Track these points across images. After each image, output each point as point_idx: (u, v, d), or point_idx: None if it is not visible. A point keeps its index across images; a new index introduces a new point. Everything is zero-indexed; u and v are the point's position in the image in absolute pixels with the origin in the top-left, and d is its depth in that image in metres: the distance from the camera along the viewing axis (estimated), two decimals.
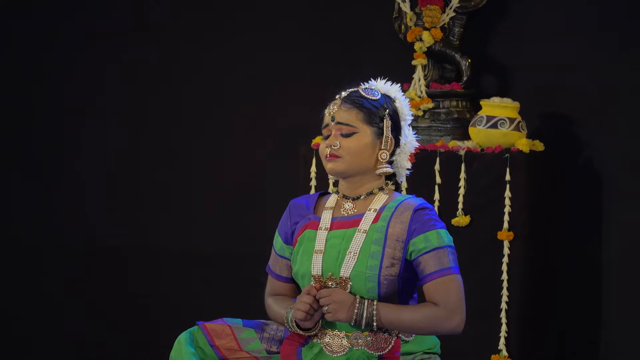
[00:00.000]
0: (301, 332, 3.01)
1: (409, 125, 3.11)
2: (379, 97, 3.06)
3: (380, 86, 3.11)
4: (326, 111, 3.07)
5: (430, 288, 2.95)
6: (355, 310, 2.94)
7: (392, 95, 3.10)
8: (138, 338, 5.54)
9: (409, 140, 3.11)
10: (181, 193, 5.55)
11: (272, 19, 5.41)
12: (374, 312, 2.93)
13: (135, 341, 5.55)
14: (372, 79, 3.14)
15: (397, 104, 3.09)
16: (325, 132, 3.07)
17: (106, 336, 5.60)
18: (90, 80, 5.64)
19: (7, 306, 5.73)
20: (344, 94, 3.07)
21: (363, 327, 2.95)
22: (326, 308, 2.95)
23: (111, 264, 5.62)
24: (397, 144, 3.08)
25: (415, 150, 3.13)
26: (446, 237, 2.98)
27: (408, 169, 3.12)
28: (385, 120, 3.04)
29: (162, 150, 5.58)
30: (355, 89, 3.09)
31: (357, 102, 3.03)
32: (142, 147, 5.61)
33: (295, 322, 3.00)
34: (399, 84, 3.15)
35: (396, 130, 3.07)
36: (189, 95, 5.54)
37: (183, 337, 3.05)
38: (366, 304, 2.94)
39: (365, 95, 3.05)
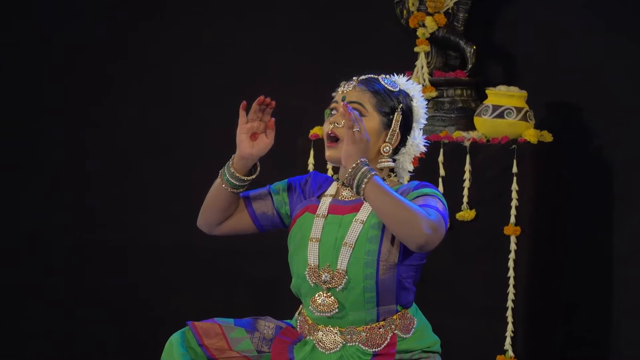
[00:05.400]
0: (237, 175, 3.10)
1: (420, 129, 3.10)
2: (397, 89, 3.06)
3: (402, 82, 3.11)
4: (339, 89, 3.08)
5: None
6: (353, 166, 2.87)
7: (412, 93, 3.10)
8: (137, 330, 5.57)
9: (417, 143, 3.09)
10: (180, 188, 5.57)
11: (270, 12, 5.43)
12: (369, 173, 2.85)
13: (135, 335, 5.58)
14: (394, 74, 3.13)
15: (414, 103, 3.09)
16: (333, 106, 3.06)
17: (106, 330, 5.63)
18: (93, 76, 5.67)
19: (12, 299, 5.78)
20: (362, 77, 3.08)
21: (355, 185, 2.86)
22: (356, 130, 2.88)
23: (110, 259, 5.65)
24: (403, 143, 3.06)
25: (420, 154, 3.11)
26: (438, 193, 2.96)
27: (409, 172, 3.12)
28: (396, 114, 3.03)
29: (159, 146, 5.61)
30: (375, 75, 3.09)
31: (373, 87, 3.04)
32: (141, 143, 5.63)
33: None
34: (420, 85, 3.17)
35: (405, 128, 3.06)
36: (189, 92, 5.57)
37: (174, 338, 3.05)
38: (365, 169, 2.86)
39: (382, 83, 3.06)
